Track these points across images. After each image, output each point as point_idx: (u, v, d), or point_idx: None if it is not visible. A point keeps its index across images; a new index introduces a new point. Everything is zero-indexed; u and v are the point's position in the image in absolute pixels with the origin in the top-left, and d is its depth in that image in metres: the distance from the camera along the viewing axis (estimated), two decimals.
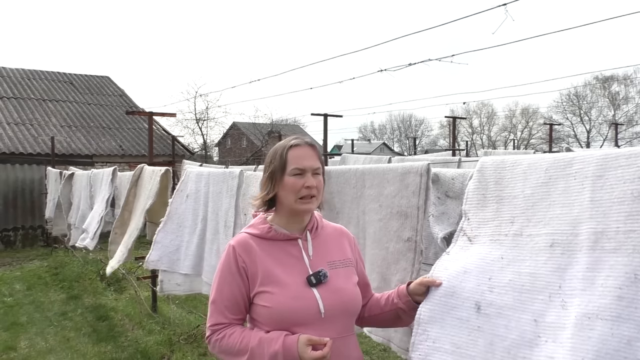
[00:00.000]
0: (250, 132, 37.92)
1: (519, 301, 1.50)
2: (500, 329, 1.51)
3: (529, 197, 1.62)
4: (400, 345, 2.44)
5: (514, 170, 1.72)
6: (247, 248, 1.66)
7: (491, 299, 1.56)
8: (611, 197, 1.38)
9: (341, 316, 1.65)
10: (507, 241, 1.63)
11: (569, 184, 1.52)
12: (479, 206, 1.79)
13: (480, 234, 1.74)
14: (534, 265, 1.52)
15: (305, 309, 1.58)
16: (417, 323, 1.69)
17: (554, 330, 1.39)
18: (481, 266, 1.64)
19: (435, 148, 48.51)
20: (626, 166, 1.38)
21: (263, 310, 1.61)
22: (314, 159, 1.67)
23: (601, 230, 1.38)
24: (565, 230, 1.47)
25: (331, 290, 1.63)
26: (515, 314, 1.50)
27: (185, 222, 4.16)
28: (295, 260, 1.66)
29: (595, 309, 1.31)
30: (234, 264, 1.64)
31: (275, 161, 1.66)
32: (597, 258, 1.37)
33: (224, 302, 1.65)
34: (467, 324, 1.59)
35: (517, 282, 1.53)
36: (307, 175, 1.63)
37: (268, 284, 1.61)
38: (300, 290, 1.60)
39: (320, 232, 1.76)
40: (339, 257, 1.74)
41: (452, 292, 1.66)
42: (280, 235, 1.68)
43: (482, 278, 1.61)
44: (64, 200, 8.35)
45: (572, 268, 1.42)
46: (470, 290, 1.62)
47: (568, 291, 1.41)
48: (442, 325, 1.64)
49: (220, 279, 1.67)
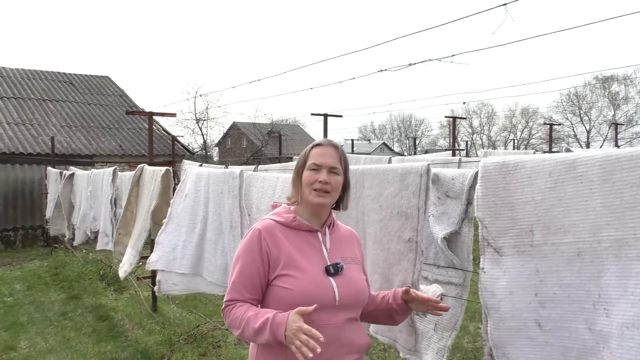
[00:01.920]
0: (250, 132, 37.89)
1: (570, 312, 1.56)
2: (565, 341, 1.57)
3: (540, 202, 1.65)
4: (405, 346, 2.45)
5: (518, 174, 1.73)
6: (272, 233, 1.76)
7: (547, 315, 1.62)
8: (622, 203, 1.41)
9: (352, 305, 1.77)
10: (535, 252, 1.68)
11: (577, 188, 1.54)
12: (492, 213, 1.83)
13: (504, 244, 1.79)
14: (570, 275, 1.56)
15: (323, 294, 1.69)
16: (495, 347, 1.78)
17: (606, 338, 1.43)
18: (522, 282, 1.70)
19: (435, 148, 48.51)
20: (630, 169, 1.40)
21: (283, 292, 1.70)
22: (334, 159, 1.79)
23: (621, 237, 1.41)
24: (587, 238, 1.50)
25: (346, 281, 1.76)
26: (572, 325, 1.55)
27: (183, 222, 4.15)
28: (315, 250, 1.79)
29: (631, 319, 1.34)
30: (257, 246, 1.74)
31: (301, 159, 1.83)
32: (624, 266, 1.40)
33: (243, 280, 1.73)
34: (536, 341, 1.66)
35: (561, 294, 1.58)
36: (322, 171, 1.76)
37: (290, 268, 1.71)
38: (319, 278, 1.72)
39: (336, 230, 1.90)
40: (350, 254, 1.87)
41: (511, 315, 1.73)
42: (303, 225, 1.80)
43: (529, 295, 1.68)
44: (64, 200, 8.35)
45: (604, 276, 1.45)
46: (525, 309, 1.69)
47: (607, 299, 1.44)
48: (516, 347, 1.72)
49: (243, 259, 1.75)
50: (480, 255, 1.89)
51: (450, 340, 2.34)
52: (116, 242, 5.66)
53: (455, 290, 2.39)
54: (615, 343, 1.37)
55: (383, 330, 2.59)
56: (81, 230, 7.62)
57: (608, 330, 1.41)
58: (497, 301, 1.77)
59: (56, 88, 16.37)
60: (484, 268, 1.85)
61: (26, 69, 16.96)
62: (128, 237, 5.65)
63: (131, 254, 5.17)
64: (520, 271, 1.71)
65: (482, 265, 1.87)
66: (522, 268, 1.70)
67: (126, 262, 5.19)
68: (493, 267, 1.81)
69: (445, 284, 2.41)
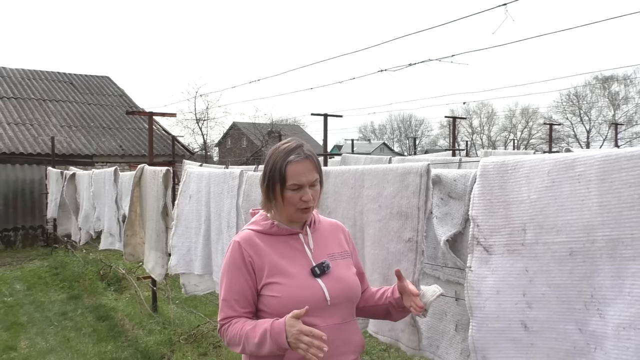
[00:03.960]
0: (250, 132, 37.89)
1: (559, 313, 1.52)
2: (552, 342, 1.54)
3: (536, 201, 1.63)
4: (409, 345, 2.44)
5: (516, 173, 1.72)
6: (252, 243, 1.73)
7: (534, 315, 1.59)
8: (620, 202, 1.39)
9: (345, 303, 1.75)
10: (525, 251, 1.64)
11: (574, 187, 1.52)
12: (486, 212, 1.81)
13: (495, 243, 1.76)
14: (561, 275, 1.53)
15: (313, 297, 1.67)
16: (474, 351, 1.73)
17: (599, 339, 1.41)
18: (510, 282, 1.67)
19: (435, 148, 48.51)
20: (629, 169, 1.38)
21: (272, 300, 1.68)
22: (312, 172, 1.72)
23: (617, 237, 1.38)
24: (580, 237, 1.48)
25: (334, 280, 1.73)
26: (560, 326, 1.52)
27: (191, 223, 4.21)
28: (298, 253, 1.75)
29: (628, 319, 1.32)
30: (239, 259, 1.71)
31: (275, 172, 1.70)
32: (620, 266, 1.37)
33: (233, 296, 1.70)
34: (520, 343, 1.62)
35: (550, 294, 1.55)
36: (304, 189, 1.69)
37: (275, 275, 1.69)
38: (306, 280, 1.69)
39: (318, 226, 1.85)
40: (337, 249, 1.83)
41: (495, 316, 1.69)
42: (283, 230, 1.76)
43: (517, 295, 1.64)
44: (69, 200, 8.35)
45: (597, 276, 1.43)
46: (511, 310, 1.65)
47: (601, 299, 1.41)
48: (498, 350, 1.67)
49: (229, 275, 1.72)
50: (469, 254, 1.87)
51: None
52: (125, 243, 5.67)
53: None
54: (610, 344, 1.36)
55: (384, 330, 2.59)
56: (84, 230, 7.64)
57: (602, 331, 1.40)
58: (482, 300, 1.73)
59: (56, 88, 16.37)
60: (471, 267, 1.82)
61: (26, 69, 16.96)
62: (135, 237, 5.68)
63: (158, 256, 5.12)
64: (509, 270, 1.68)
65: (469, 263, 1.83)
66: (511, 267, 1.68)
67: (157, 265, 5.15)
68: (481, 265, 1.79)
69: (455, 284, 2.41)
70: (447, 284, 2.46)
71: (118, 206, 6.19)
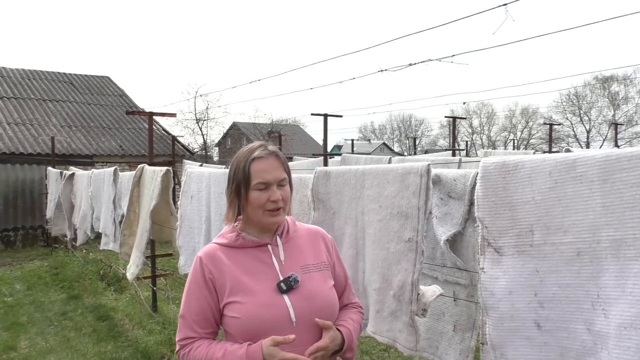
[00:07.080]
0: (251, 132, 37.90)
1: (569, 312, 1.56)
2: (564, 341, 1.57)
3: (540, 203, 1.65)
4: (406, 345, 2.44)
5: (518, 174, 1.73)
6: (214, 259, 1.60)
7: (546, 315, 1.62)
8: (622, 203, 1.41)
9: (315, 323, 1.56)
10: (535, 252, 1.68)
11: (577, 188, 1.54)
12: (492, 213, 1.83)
13: (504, 244, 1.79)
14: (569, 275, 1.56)
15: (276, 317, 1.51)
16: (492, 348, 1.77)
17: (604, 339, 1.43)
18: (521, 282, 1.70)
19: (435, 148, 48.54)
20: (629, 169, 1.39)
21: (233, 321, 1.54)
22: (279, 170, 1.59)
23: (620, 237, 1.41)
24: (586, 238, 1.51)
25: (303, 296, 1.56)
26: (571, 325, 1.55)
27: (194, 224, 4.22)
28: (265, 266, 1.59)
29: (629, 319, 1.34)
30: (200, 276, 1.59)
31: (239, 174, 1.58)
32: (623, 266, 1.39)
33: (192, 316, 1.59)
34: (535, 341, 1.66)
35: (561, 294, 1.58)
36: (272, 188, 1.56)
37: (237, 294, 1.54)
38: (270, 298, 1.53)
39: (292, 235, 1.69)
40: (312, 260, 1.66)
41: (510, 315, 1.72)
42: (249, 242, 1.62)
43: (529, 295, 1.67)
44: (64, 200, 8.35)
45: (603, 276, 1.45)
46: (524, 309, 1.69)
47: (605, 299, 1.44)
48: (514, 347, 1.71)
49: (189, 292, 1.61)
50: (480, 255, 1.89)
51: (473, 341, 2.33)
52: (122, 243, 5.67)
53: (466, 291, 2.39)
54: (612, 343, 1.37)
55: (382, 330, 2.59)
56: (81, 230, 7.62)
57: (606, 331, 1.41)
58: (496, 301, 1.77)
59: (56, 88, 16.37)
60: (483, 268, 1.85)
61: (26, 69, 16.96)
62: (133, 237, 5.67)
63: (136, 255, 5.17)
64: (520, 271, 1.71)
65: (481, 265, 1.86)
66: (522, 268, 1.70)
67: (132, 264, 5.19)
68: (493, 266, 1.81)
69: (454, 284, 2.41)
70: (445, 284, 2.47)
71: (115, 206, 6.17)
